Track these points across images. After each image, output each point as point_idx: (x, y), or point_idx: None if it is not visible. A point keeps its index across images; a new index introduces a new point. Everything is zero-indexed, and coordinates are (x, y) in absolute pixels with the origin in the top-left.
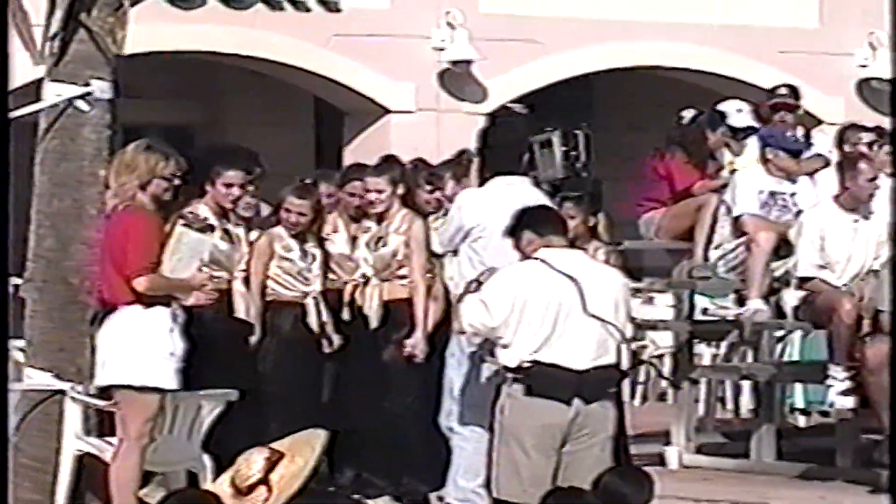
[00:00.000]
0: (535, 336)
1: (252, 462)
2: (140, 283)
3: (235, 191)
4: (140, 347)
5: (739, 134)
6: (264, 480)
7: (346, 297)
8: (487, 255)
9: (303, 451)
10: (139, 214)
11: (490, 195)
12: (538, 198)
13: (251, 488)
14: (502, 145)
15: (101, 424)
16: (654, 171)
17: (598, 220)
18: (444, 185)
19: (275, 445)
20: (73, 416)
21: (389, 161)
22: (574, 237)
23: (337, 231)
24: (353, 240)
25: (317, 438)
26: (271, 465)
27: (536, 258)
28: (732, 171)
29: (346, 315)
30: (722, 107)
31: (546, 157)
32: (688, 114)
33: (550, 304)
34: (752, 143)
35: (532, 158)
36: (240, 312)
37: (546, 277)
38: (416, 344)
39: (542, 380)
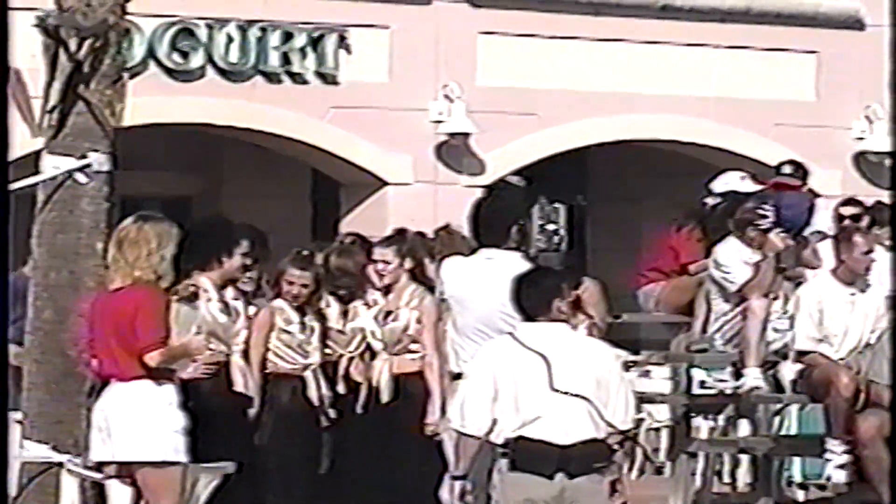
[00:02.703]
0: (514, 412)
1: None
2: (153, 358)
3: (248, 261)
4: (155, 422)
5: (749, 198)
6: None
7: (342, 371)
8: (462, 326)
9: None
10: (148, 290)
11: (467, 267)
12: (519, 271)
13: None
14: (490, 218)
15: (99, 497)
16: (664, 242)
17: (580, 294)
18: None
19: None
20: (69, 489)
21: (399, 234)
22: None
23: (328, 305)
24: (345, 314)
25: None
26: None
27: (509, 334)
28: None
29: (341, 388)
30: (724, 178)
31: (528, 230)
32: (711, 200)
33: (519, 381)
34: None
35: (524, 232)
36: (238, 386)
37: (514, 355)
38: (436, 421)
39: (525, 455)
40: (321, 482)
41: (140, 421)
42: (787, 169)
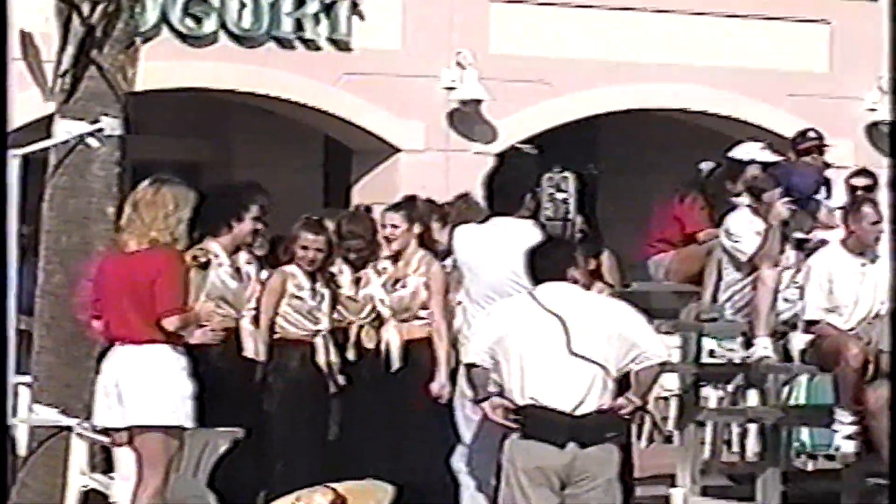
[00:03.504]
0: (525, 375)
1: (315, 502)
2: (171, 322)
3: (259, 226)
4: (166, 387)
5: (770, 168)
6: None
7: (352, 338)
8: (473, 293)
9: (364, 499)
10: (168, 253)
11: (479, 235)
12: (532, 239)
13: None
14: (503, 186)
15: (107, 461)
16: (669, 213)
17: (599, 262)
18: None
19: (336, 486)
20: (78, 453)
21: (410, 200)
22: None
23: (341, 272)
24: (357, 281)
25: (382, 492)
26: None
27: (528, 293)
28: None
29: (350, 355)
30: (744, 147)
31: (541, 199)
32: (706, 166)
33: (534, 342)
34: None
35: (537, 200)
36: (248, 351)
37: (531, 314)
38: (441, 385)
39: (536, 422)
40: (330, 448)
41: (152, 385)
42: (812, 135)
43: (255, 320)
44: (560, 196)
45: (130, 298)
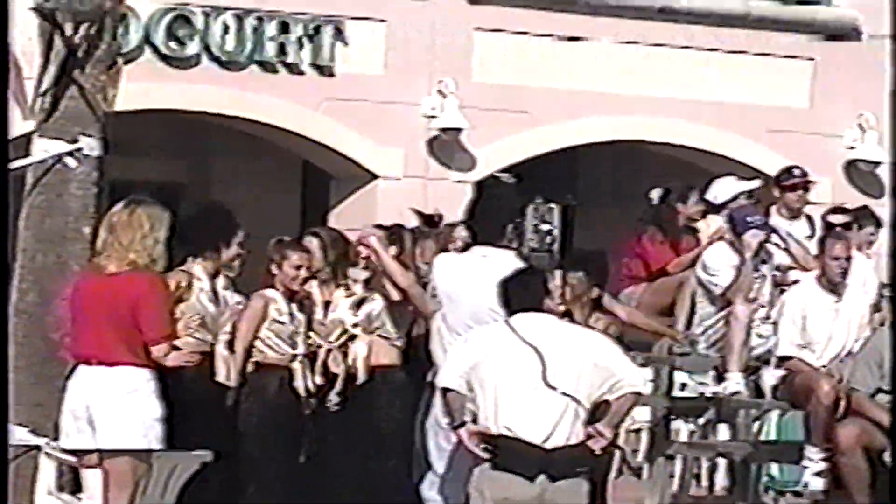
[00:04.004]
0: (499, 405)
1: None
2: (162, 349)
3: (243, 251)
4: (137, 410)
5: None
6: None
7: (320, 362)
8: (452, 322)
9: None
10: (149, 278)
11: (461, 264)
12: (513, 269)
13: None
14: (484, 215)
15: (75, 481)
16: (631, 249)
17: (601, 293)
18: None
19: None
20: (47, 472)
21: (394, 227)
22: (569, 308)
23: (310, 296)
24: (327, 304)
25: None
26: None
27: (504, 322)
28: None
29: (318, 380)
30: (722, 184)
31: (523, 229)
32: (656, 193)
33: (509, 372)
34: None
35: (520, 231)
36: (220, 376)
37: (507, 344)
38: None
39: (507, 453)
40: (300, 472)
41: (123, 408)
42: (797, 171)
43: (230, 345)
44: (544, 227)
45: (109, 319)
